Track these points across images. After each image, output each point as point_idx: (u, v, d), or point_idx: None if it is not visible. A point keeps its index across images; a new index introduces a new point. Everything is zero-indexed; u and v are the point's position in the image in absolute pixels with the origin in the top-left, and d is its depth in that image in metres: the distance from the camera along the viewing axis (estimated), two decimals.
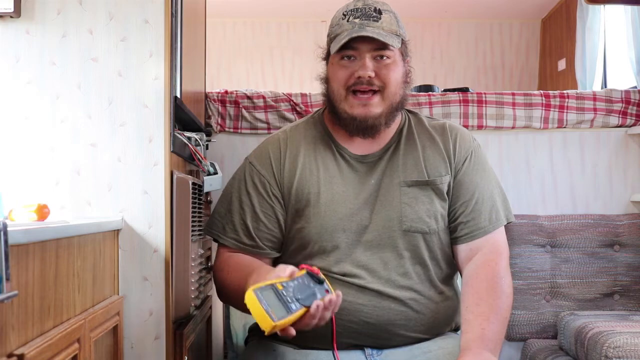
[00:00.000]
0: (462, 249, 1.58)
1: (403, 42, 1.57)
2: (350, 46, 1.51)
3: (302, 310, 1.21)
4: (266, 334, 1.18)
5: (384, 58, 1.52)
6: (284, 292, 1.21)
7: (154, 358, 1.50)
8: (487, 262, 1.53)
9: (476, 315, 1.45)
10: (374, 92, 1.52)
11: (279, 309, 1.17)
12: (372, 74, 1.50)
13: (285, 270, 1.28)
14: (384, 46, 1.51)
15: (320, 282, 1.28)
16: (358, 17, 1.52)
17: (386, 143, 1.60)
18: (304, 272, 1.29)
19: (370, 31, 1.49)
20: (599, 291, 2.42)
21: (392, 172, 1.57)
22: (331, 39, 1.56)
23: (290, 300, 1.20)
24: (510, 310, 1.52)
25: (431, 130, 1.63)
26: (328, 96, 1.59)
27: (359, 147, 1.60)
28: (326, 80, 1.60)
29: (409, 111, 1.68)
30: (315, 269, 1.30)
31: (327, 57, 1.61)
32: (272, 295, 1.19)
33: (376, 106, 1.52)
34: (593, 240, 2.44)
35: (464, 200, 1.58)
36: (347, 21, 1.52)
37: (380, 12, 1.53)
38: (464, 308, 1.49)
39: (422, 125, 1.65)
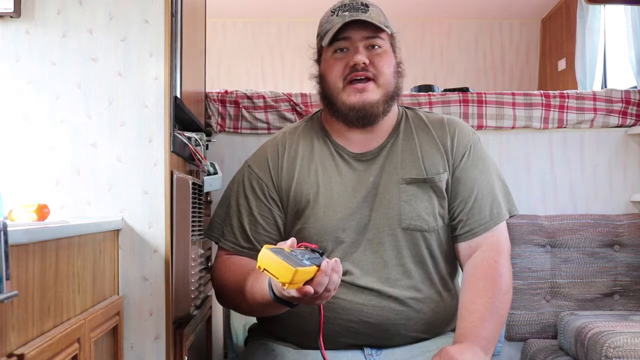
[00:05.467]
0: (463, 247, 1.58)
1: (392, 35, 1.59)
2: (343, 37, 1.53)
3: (314, 267, 1.22)
4: (287, 287, 1.17)
5: (376, 47, 1.54)
6: (292, 253, 1.22)
7: (154, 358, 1.49)
8: (485, 259, 1.53)
9: (470, 313, 1.46)
10: (369, 79, 1.53)
11: (294, 263, 1.18)
12: (367, 61, 1.52)
13: (285, 243, 1.28)
14: (375, 34, 1.53)
15: (320, 254, 1.29)
16: (347, 11, 1.55)
17: (384, 140, 1.61)
18: (302, 248, 1.30)
19: (362, 17, 1.52)
20: (599, 291, 2.42)
21: (390, 169, 1.57)
22: (322, 36, 1.58)
23: (301, 259, 1.21)
24: (509, 308, 1.52)
25: (429, 125, 1.63)
26: (324, 93, 1.60)
27: (356, 145, 1.60)
28: (320, 80, 1.61)
29: (407, 107, 1.69)
30: (313, 245, 1.31)
31: (318, 57, 1.63)
32: (284, 254, 1.20)
33: (372, 92, 1.54)
34: (593, 240, 2.44)
35: (463, 198, 1.57)
36: (337, 16, 1.55)
37: (367, 6, 1.56)
38: (461, 305, 1.50)
39: (420, 120, 1.65)
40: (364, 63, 1.51)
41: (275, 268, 1.17)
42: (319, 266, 1.22)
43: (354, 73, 1.52)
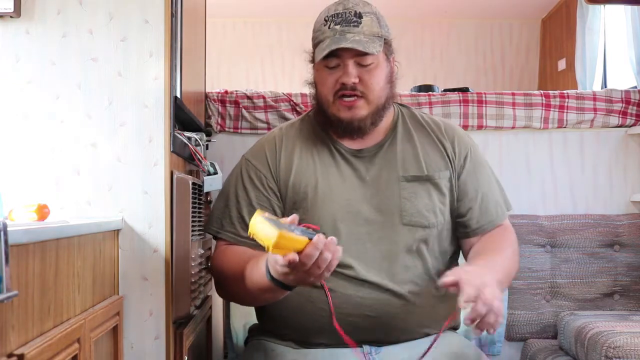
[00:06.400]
0: (473, 241, 1.64)
1: (386, 42, 1.57)
2: (333, 54, 1.52)
3: (305, 239, 1.20)
4: (272, 250, 1.17)
5: (367, 63, 1.53)
6: (286, 224, 1.22)
7: (154, 358, 1.50)
8: (492, 235, 1.63)
9: (482, 255, 1.53)
10: (359, 96, 1.54)
11: (281, 228, 1.18)
12: (356, 80, 1.52)
13: (287, 219, 1.28)
14: (365, 52, 1.51)
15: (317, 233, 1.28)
16: (338, 24, 1.52)
17: (382, 137, 1.63)
18: (303, 228, 1.30)
19: (350, 39, 1.50)
20: (599, 291, 2.42)
21: (390, 167, 1.59)
22: (314, 44, 1.58)
23: (293, 230, 1.21)
24: (517, 265, 1.62)
25: (426, 126, 1.67)
26: (317, 100, 1.61)
27: (354, 142, 1.61)
28: (314, 85, 1.62)
29: (401, 105, 1.69)
30: (315, 226, 1.30)
31: (313, 59, 1.62)
32: (276, 222, 1.21)
33: (361, 109, 1.55)
34: (593, 240, 2.44)
35: (472, 197, 1.62)
36: (329, 28, 1.53)
37: (360, 16, 1.53)
38: (471, 256, 1.58)
39: (416, 120, 1.68)
40: (353, 82, 1.52)
41: (262, 232, 1.18)
42: (310, 239, 1.21)
43: (343, 90, 1.53)
